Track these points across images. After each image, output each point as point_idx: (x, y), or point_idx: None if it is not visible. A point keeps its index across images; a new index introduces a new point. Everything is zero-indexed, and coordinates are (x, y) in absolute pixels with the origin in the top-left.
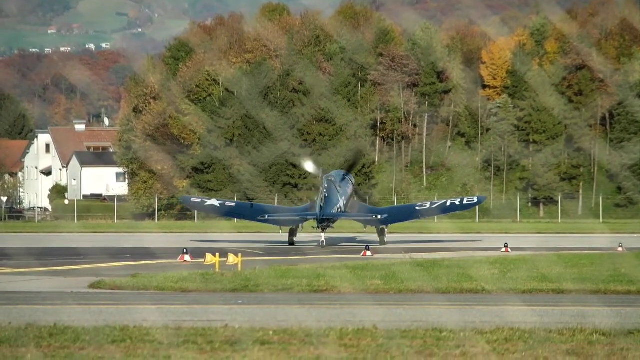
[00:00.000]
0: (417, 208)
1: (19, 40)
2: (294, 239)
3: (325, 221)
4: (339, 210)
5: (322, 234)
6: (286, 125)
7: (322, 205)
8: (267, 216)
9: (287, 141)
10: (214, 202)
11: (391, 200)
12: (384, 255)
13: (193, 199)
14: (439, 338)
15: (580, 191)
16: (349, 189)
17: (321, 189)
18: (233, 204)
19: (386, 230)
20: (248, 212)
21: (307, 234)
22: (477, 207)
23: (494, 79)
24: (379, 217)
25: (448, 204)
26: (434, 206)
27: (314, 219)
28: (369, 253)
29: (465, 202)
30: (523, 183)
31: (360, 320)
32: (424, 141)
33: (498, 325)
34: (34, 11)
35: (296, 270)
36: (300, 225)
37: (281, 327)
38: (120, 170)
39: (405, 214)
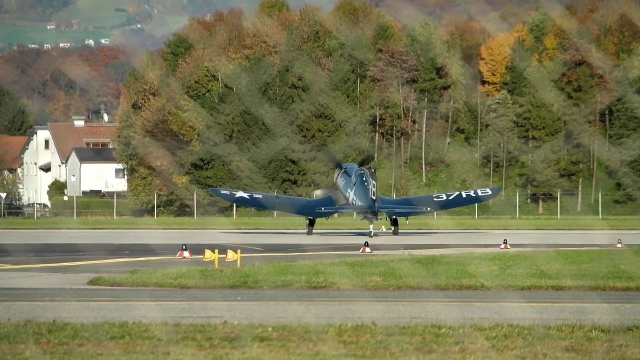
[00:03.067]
0: (434, 199)
1: (18, 35)
2: (313, 230)
3: (377, 213)
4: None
5: (371, 225)
6: (285, 121)
7: (373, 197)
8: (323, 209)
9: (286, 137)
10: (243, 193)
11: (390, 197)
12: (383, 252)
13: (223, 191)
14: (438, 334)
15: (580, 187)
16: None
17: (357, 180)
18: (260, 196)
19: (399, 221)
20: (276, 203)
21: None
22: (475, 203)
23: (493, 74)
24: (428, 208)
25: (464, 195)
26: (450, 197)
27: (369, 210)
28: (367, 249)
29: (480, 193)
30: (522, 179)
31: (359, 316)
32: (423, 137)
33: (497, 321)
34: (33, 7)
35: (295, 267)
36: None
37: (280, 324)
38: (120, 166)
39: (425, 205)
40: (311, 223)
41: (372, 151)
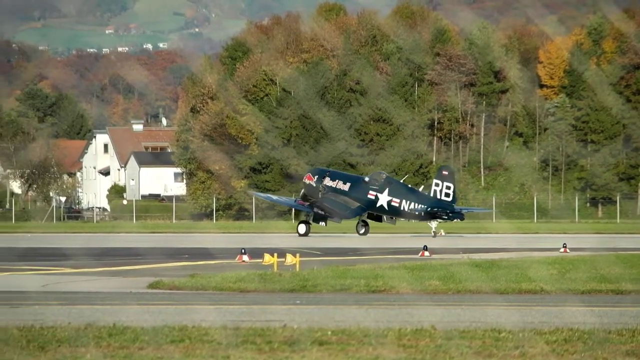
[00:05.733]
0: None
1: (77, 40)
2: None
3: (460, 213)
4: None
5: (434, 226)
6: (343, 125)
7: (448, 199)
8: (418, 212)
9: (344, 141)
10: (277, 197)
11: None
12: (442, 256)
13: (262, 195)
14: (498, 338)
15: (639, 191)
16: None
17: (389, 182)
18: (285, 199)
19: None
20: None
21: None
22: (534, 207)
23: (551, 78)
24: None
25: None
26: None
27: (444, 211)
28: (427, 253)
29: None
30: (581, 183)
31: (418, 320)
32: (482, 141)
33: (557, 325)
34: (92, 11)
35: (354, 271)
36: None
37: (339, 327)
38: (178, 170)
39: None
40: (307, 224)
41: (430, 155)
